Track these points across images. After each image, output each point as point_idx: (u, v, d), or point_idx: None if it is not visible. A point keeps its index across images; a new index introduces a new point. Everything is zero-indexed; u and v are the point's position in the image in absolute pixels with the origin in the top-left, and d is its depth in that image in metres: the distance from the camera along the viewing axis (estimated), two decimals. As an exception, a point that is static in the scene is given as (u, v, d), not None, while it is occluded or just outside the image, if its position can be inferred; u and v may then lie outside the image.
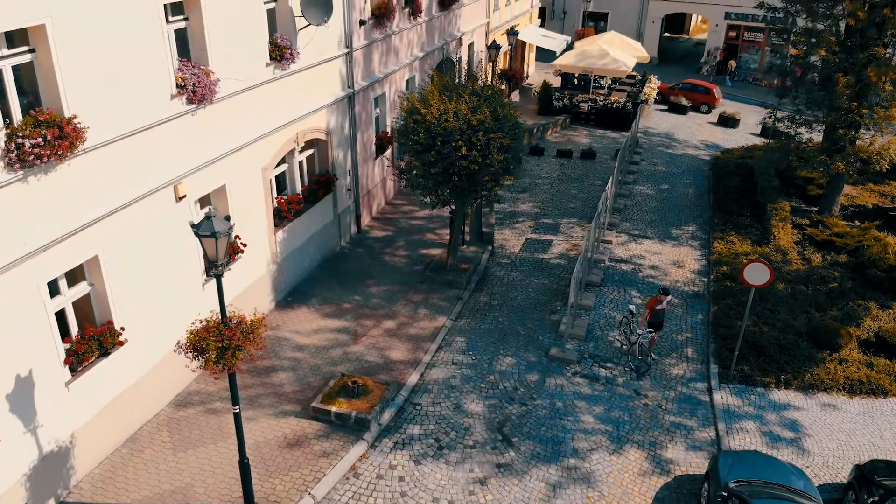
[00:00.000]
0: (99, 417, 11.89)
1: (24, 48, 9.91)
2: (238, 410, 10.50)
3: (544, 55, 43.41)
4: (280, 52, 15.31)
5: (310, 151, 18.22)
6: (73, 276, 11.47)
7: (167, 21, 12.37)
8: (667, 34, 55.70)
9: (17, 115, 9.85)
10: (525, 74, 40.68)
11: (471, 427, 13.72)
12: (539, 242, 21.55)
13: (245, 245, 15.08)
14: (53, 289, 10.96)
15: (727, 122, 35.81)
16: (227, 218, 9.39)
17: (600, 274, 19.48)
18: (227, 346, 9.51)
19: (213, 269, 9.50)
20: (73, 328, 11.52)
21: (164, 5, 12.07)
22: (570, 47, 39.02)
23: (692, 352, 16.54)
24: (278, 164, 16.82)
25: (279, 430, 13.21)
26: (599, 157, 29.05)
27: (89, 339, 11.44)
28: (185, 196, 13.05)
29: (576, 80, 37.54)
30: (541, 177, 26.85)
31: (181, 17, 12.88)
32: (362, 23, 19.18)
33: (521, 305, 18.02)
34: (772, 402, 14.84)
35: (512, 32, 27.02)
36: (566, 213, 23.69)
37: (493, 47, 23.52)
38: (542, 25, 45.22)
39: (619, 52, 34.23)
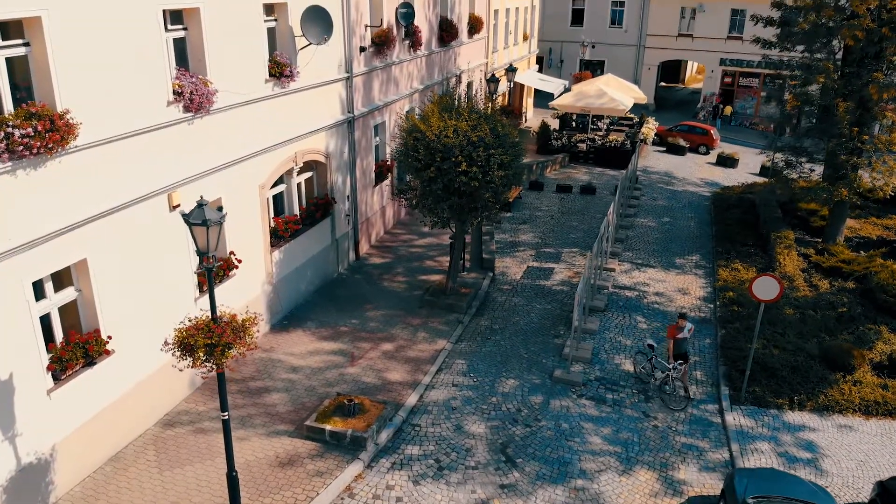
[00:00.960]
0: (82, 431, 11.30)
1: (19, 41, 9.79)
2: (227, 417, 9.96)
3: (542, 102, 44.01)
4: (279, 70, 15.29)
5: (308, 174, 18.05)
6: (60, 281, 11.09)
7: (166, 29, 12.34)
8: (663, 83, 56.67)
9: (8, 107, 9.65)
10: (523, 117, 41.05)
11: (472, 448, 13.08)
12: (541, 270, 21.19)
13: (240, 261, 14.72)
14: (39, 292, 10.57)
15: (726, 162, 35.92)
16: (220, 208, 9.05)
17: (604, 300, 19.06)
18: (216, 342, 9.06)
19: (204, 261, 9.13)
20: (58, 335, 11.06)
21: (164, 11, 12.05)
22: (567, 90, 39.53)
23: (701, 375, 15.97)
24: (276, 184, 16.61)
25: (271, 449, 12.58)
26: (599, 192, 28.97)
27: (74, 345, 10.97)
28: (178, 205, 12.76)
29: (574, 123, 37.91)
30: (541, 209, 26.68)
31: (180, 26, 12.87)
32: (362, 49, 19.30)
33: (523, 329, 17.53)
34: (786, 424, 14.22)
35: (511, 69, 27.30)
36: (567, 243, 23.41)
37: (493, 80, 23.72)
38: (539, 72, 45.94)
39: (616, 92, 34.60)
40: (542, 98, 43.87)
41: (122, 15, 10.95)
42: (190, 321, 9.36)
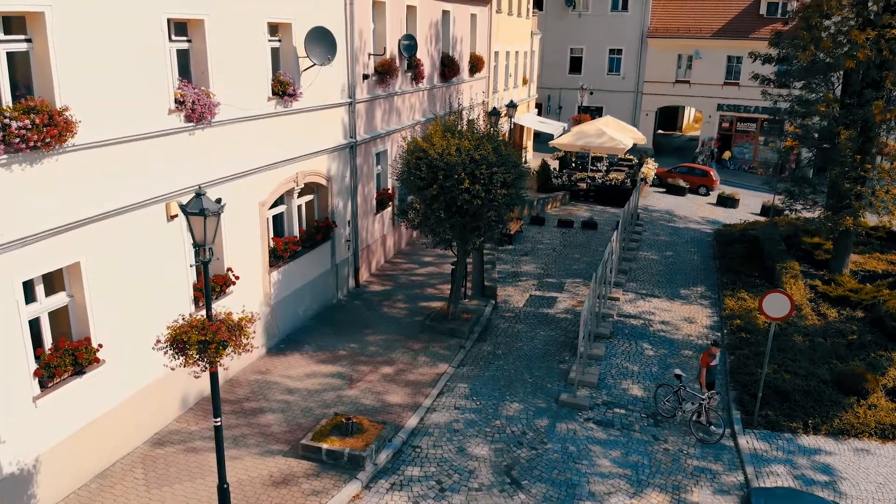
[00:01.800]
0: (68, 443, 10.79)
1: (22, 36, 9.73)
2: (219, 423, 9.52)
3: (541, 147, 44.36)
4: (282, 88, 15.29)
5: (309, 197, 17.90)
6: (52, 286, 10.77)
7: (170, 39, 12.35)
8: (660, 131, 57.33)
9: (7, 102, 9.52)
10: (524, 158, 41.29)
11: (476, 470, 12.51)
12: (544, 299, 20.83)
13: (237, 277, 14.40)
14: (29, 295, 10.25)
15: (726, 202, 35.92)
16: (220, 202, 8.82)
17: (609, 327, 18.65)
18: (210, 339, 8.69)
19: (200, 255, 8.85)
20: (48, 342, 10.67)
21: (168, 20, 12.07)
22: (566, 132, 39.87)
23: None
24: (277, 205, 16.43)
25: (265, 468, 12.02)
26: (601, 227, 28.83)
27: (63, 352, 10.57)
28: (176, 216, 12.53)
29: (573, 164, 38.09)
30: (543, 243, 26.47)
31: (185, 38, 12.89)
32: (365, 77, 19.41)
33: (527, 355, 17.08)
34: (801, 447, 13.67)
35: (511, 104, 27.52)
36: (570, 274, 23.11)
37: (494, 113, 23.84)
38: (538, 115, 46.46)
39: (616, 132, 34.86)
40: (542, 143, 44.24)
41: (125, 17, 10.93)
42: (184, 320, 9.02)
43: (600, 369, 16.43)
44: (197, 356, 8.70)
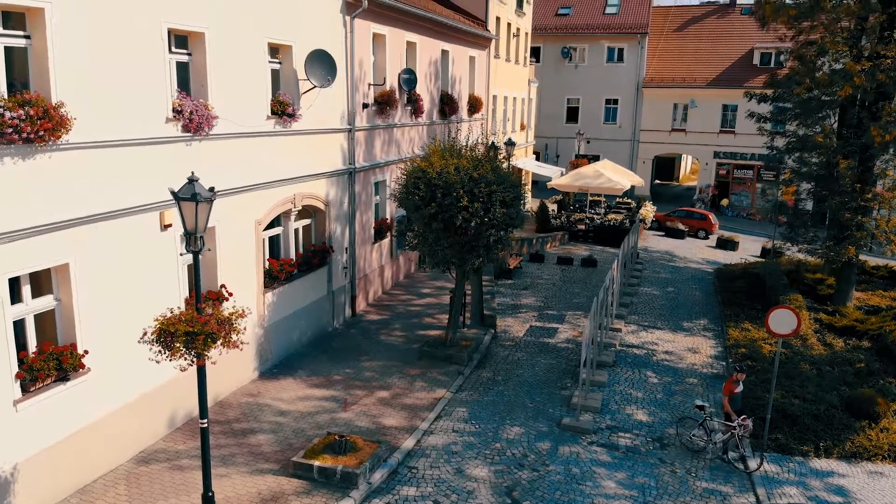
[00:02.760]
0: (49, 454, 10.31)
1: (21, 33, 9.74)
2: (206, 425, 9.11)
3: (539, 193, 44.56)
4: (282, 108, 15.33)
5: (307, 221, 17.75)
6: (40, 288, 10.49)
7: (170, 50, 12.41)
8: (657, 181, 57.80)
9: (3, 93, 9.45)
10: (522, 201, 41.35)
11: (475, 490, 11.94)
12: (544, 329, 20.44)
13: (231, 294, 14.08)
14: (16, 296, 9.97)
15: (726, 244, 35.79)
16: (213, 190, 8.64)
17: (612, 355, 18.22)
18: (198, 331, 8.38)
19: (191, 244, 8.61)
20: (32, 346, 10.32)
21: (168, 30, 12.14)
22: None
23: (719, 424, 14.92)
24: (274, 226, 16.26)
25: (253, 486, 11.47)
26: (600, 265, 28.61)
27: (48, 355, 10.20)
28: (170, 225, 12.34)
29: (572, 207, 38.15)
30: (542, 278, 26.21)
31: (185, 51, 12.97)
32: (365, 106, 19.55)
33: (527, 381, 16.61)
34: (813, 470, 13.12)
35: (510, 142, 27.66)
36: (571, 307, 22.76)
37: (492, 147, 23.93)
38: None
39: (613, 174, 35.02)
40: (540, 189, 44.51)
41: (126, 21, 10.99)
42: (172, 313, 8.73)
43: (603, 395, 15.94)
44: (184, 349, 8.36)
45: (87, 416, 10.98)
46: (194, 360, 8.57)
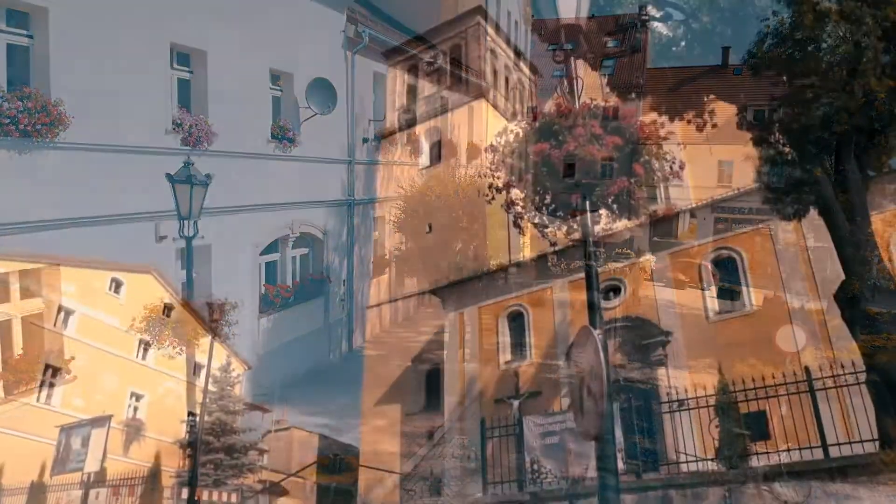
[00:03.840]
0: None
1: (23, 31, 9.84)
2: (192, 421, 8.68)
3: (540, 243, 44.64)
4: (282, 132, 15.45)
5: (304, 249, 17.59)
6: (28, 290, 10.23)
7: (172, 66, 12.56)
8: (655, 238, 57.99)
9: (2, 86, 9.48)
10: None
11: (475, 513, 11.38)
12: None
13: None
14: (3, 296, 9.71)
15: (727, 295, 35.57)
16: (209, 176, 8.54)
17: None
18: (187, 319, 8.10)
19: (184, 229, 8.43)
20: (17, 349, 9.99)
21: (171, 45, 12.31)
22: (564, 228, 40.21)
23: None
24: (270, 251, 16.09)
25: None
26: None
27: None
28: (166, 237, 12.14)
29: (572, 257, 38.09)
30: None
31: (187, 68, 13.13)
32: (365, 140, 19.70)
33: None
34: (827, 492, 12.51)
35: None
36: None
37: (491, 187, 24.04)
38: (536, 217, 47.08)
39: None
40: (540, 241, 44.55)
41: (128, 23, 11.13)
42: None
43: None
44: (171, 335, 8.07)
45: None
46: (182, 349, 8.26)
